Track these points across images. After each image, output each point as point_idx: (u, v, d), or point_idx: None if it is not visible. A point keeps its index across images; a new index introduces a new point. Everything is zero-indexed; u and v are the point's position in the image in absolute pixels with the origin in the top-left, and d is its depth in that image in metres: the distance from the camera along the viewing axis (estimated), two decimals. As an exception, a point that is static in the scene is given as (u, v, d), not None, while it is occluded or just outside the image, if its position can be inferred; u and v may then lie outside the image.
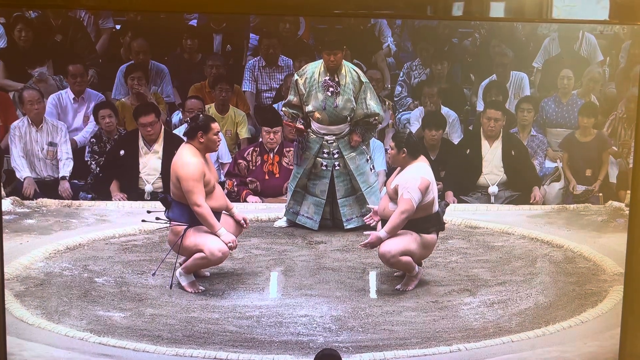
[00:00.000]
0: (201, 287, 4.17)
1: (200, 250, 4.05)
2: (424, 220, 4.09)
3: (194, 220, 4.07)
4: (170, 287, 4.13)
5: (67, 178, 5.32)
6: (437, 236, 4.20)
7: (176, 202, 4.10)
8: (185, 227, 4.07)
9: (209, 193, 4.07)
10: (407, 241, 4.07)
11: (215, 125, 4.11)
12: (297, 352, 3.68)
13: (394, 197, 4.08)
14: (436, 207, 4.14)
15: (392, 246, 4.04)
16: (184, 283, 4.14)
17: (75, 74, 5.55)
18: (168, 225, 4.13)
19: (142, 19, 6.02)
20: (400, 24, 6.40)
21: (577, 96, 5.73)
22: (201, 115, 4.24)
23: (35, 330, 3.78)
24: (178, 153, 4.12)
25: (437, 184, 5.23)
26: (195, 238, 4.07)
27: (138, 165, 5.18)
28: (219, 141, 4.15)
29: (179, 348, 3.69)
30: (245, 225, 4.26)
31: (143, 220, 4.17)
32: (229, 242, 4.05)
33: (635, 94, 5.23)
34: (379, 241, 4.05)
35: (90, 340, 3.71)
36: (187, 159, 4.05)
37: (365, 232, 4.15)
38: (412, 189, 4.01)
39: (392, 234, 4.04)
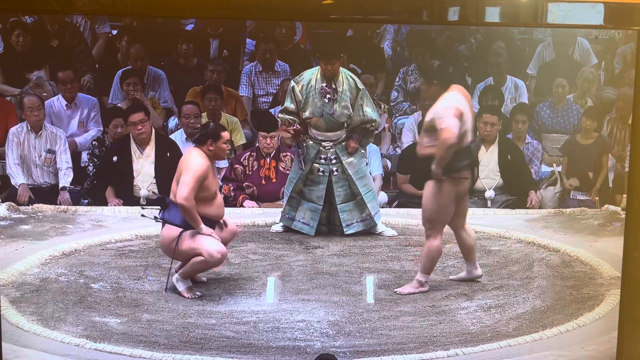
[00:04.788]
0: (198, 293, 4.16)
1: (199, 254, 4.05)
2: (455, 156, 4.02)
3: (189, 223, 4.07)
4: (166, 291, 4.12)
5: (68, 189, 5.32)
6: (473, 175, 4.10)
7: (174, 204, 4.09)
8: (181, 230, 4.07)
9: (210, 199, 4.08)
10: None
11: (225, 134, 4.15)
12: (294, 358, 3.68)
13: (429, 130, 4.03)
14: (468, 141, 4.06)
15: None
16: (181, 289, 4.13)
17: (65, 80, 5.52)
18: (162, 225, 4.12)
19: (139, 24, 6.02)
20: (396, 28, 6.40)
21: (572, 101, 5.75)
22: (212, 123, 4.28)
23: (30, 337, 3.77)
24: (187, 154, 4.15)
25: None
26: (191, 242, 4.06)
27: (132, 170, 5.18)
28: (228, 150, 4.17)
29: (175, 354, 3.68)
30: (225, 226, 4.21)
31: (142, 215, 4.17)
32: (209, 234, 4.05)
33: (626, 92, 5.27)
34: (435, 176, 4.01)
35: (87, 347, 3.71)
36: (196, 159, 4.08)
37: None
38: (448, 117, 3.96)
39: (440, 166, 3.99)
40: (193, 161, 4.05)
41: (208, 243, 4.03)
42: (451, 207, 4.10)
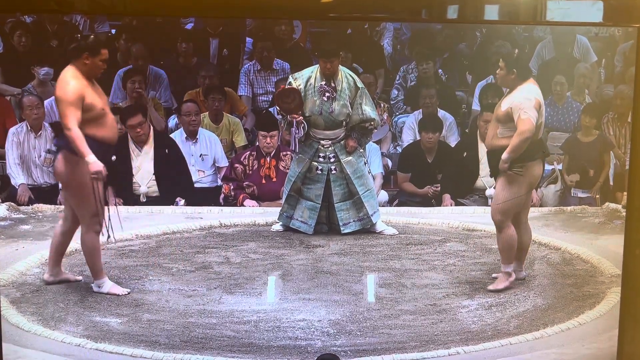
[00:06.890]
0: (126, 290, 4.10)
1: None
2: (530, 146, 3.99)
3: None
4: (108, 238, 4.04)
5: None
6: (543, 166, 4.10)
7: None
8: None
9: (97, 119, 3.91)
10: (513, 194, 3.94)
11: (104, 52, 3.94)
12: (295, 357, 3.68)
13: (504, 120, 3.99)
14: (541, 133, 4.05)
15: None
16: (106, 290, 4.08)
17: None
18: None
19: (138, 23, 6.02)
20: (397, 27, 6.40)
21: (571, 98, 5.74)
22: (92, 36, 4.12)
23: (31, 337, 3.77)
24: (60, 77, 3.93)
25: (435, 186, 5.25)
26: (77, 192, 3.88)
27: (131, 169, 5.17)
28: (103, 68, 3.96)
29: (176, 353, 3.68)
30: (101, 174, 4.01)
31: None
32: (96, 172, 3.90)
33: (622, 91, 5.27)
34: (502, 164, 4.00)
35: (87, 347, 3.70)
36: (67, 80, 3.88)
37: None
38: (529, 109, 3.92)
39: (514, 155, 3.95)
40: (65, 85, 3.83)
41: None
42: (525, 197, 4.05)
